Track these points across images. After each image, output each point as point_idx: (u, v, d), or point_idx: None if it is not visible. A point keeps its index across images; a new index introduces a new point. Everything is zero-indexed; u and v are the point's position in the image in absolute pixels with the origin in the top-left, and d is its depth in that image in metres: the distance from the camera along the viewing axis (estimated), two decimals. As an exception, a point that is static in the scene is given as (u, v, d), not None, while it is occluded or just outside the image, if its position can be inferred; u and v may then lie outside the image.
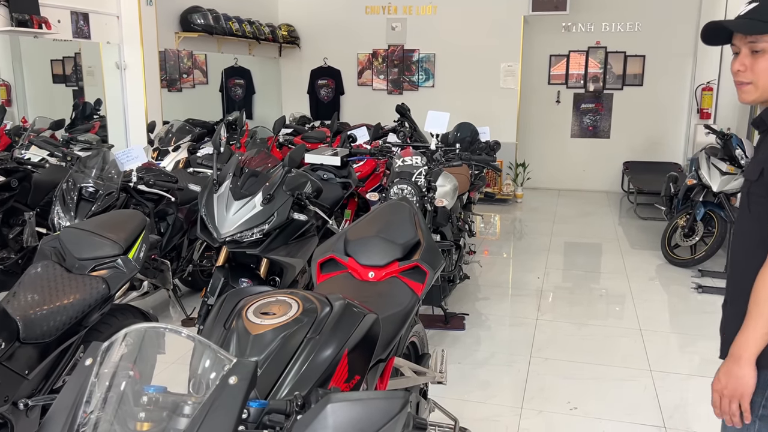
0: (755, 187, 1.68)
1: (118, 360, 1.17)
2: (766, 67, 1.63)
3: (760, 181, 1.66)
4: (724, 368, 1.64)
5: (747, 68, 1.65)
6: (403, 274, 2.17)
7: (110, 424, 1.12)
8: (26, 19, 4.83)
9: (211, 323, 1.57)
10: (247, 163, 3.65)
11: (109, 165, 3.93)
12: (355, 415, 1.00)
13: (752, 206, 1.69)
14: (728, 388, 1.61)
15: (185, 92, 7.91)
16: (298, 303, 1.57)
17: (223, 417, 1.04)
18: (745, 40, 1.63)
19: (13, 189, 4.19)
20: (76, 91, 7.13)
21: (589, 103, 9.23)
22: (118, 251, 2.62)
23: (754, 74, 1.64)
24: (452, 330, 4.32)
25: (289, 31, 9.09)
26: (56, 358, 2.36)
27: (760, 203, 1.67)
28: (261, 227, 3.40)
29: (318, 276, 2.23)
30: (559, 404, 3.37)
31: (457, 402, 3.31)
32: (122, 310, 2.80)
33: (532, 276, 5.53)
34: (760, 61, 1.63)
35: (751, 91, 1.67)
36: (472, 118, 6.54)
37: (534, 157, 9.27)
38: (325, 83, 9.33)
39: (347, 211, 4.99)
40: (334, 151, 4.89)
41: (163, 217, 4.24)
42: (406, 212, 2.41)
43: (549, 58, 9.23)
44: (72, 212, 3.67)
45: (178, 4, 6.99)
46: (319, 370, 1.43)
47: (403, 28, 9.01)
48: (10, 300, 2.33)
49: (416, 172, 3.89)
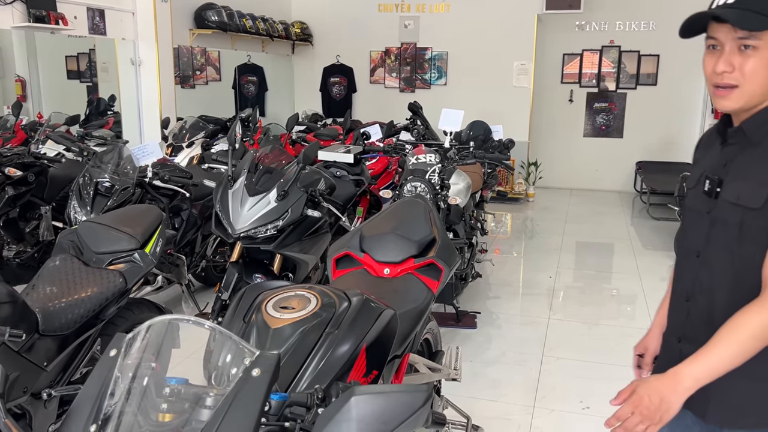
0: (753, 217, 1.37)
1: (142, 352, 1.19)
2: (756, 69, 1.35)
3: (764, 210, 1.35)
4: (655, 385, 1.35)
5: (735, 68, 1.37)
6: (419, 271, 2.18)
7: (134, 415, 1.13)
8: (43, 15, 4.87)
9: (230, 317, 1.59)
10: (262, 159, 3.67)
11: (124, 160, 3.96)
12: (378, 408, 1.01)
13: (744, 242, 1.40)
14: (649, 410, 1.34)
15: (198, 89, 7.95)
16: (317, 298, 1.58)
17: (246, 409, 1.05)
18: (734, 35, 1.36)
19: (30, 183, 4.23)
20: (90, 87, 7.19)
21: (602, 103, 9.19)
22: (135, 245, 2.65)
23: (743, 76, 1.37)
24: (464, 328, 4.32)
25: (302, 29, 9.11)
26: (74, 350, 2.39)
27: (755, 240, 1.38)
28: (275, 223, 3.42)
29: (333, 272, 2.24)
30: (572, 403, 3.37)
31: (469, 400, 3.31)
32: (138, 304, 2.82)
33: (543, 275, 5.52)
34: (750, 61, 1.35)
35: (736, 98, 1.39)
36: (484, 117, 6.53)
37: (546, 156, 9.23)
38: (337, 81, 9.34)
39: (359, 209, 5.01)
40: (347, 149, 4.90)
41: (178, 213, 4.27)
42: (422, 209, 2.42)
43: (562, 57, 9.19)
44: (88, 207, 3.70)
45: (193, 1, 7.02)
46: (338, 364, 1.44)
47: (416, 26, 9.01)
48: (29, 292, 2.36)
49: (430, 170, 3.90)
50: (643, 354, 1.85)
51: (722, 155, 1.48)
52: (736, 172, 1.42)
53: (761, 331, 1.32)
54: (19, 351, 2.10)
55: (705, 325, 1.49)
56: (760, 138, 1.41)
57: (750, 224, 1.38)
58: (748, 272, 1.41)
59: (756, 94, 1.39)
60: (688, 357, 1.37)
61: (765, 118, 1.41)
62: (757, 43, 1.34)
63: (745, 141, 1.43)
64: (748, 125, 1.43)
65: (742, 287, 1.42)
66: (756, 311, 1.34)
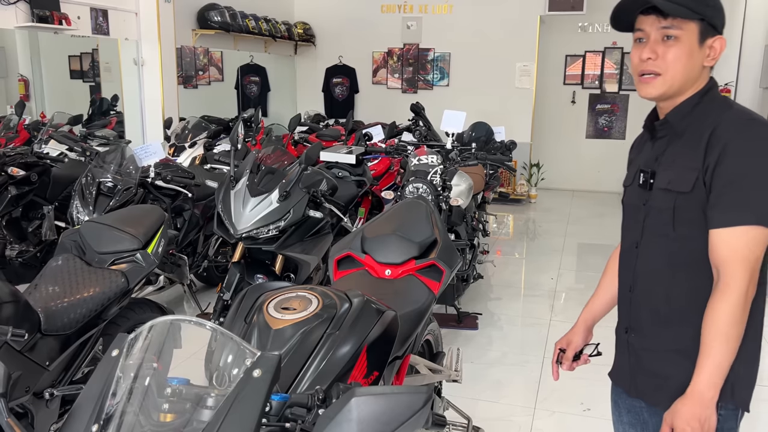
0: (685, 201, 1.46)
1: (144, 352, 1.19)
2: (677, 57, 1.45)
3: (695, 193, 1.45)
4: (686, 412, 1.42)
5: (658, 56, 1.46)
6: (420, 273, 2.18)
7: (135, 415, 1.14)
8: (47, 15, 4.88)
9: (231, 317, 1.59)
10: (264, 160, 3.67)
11: (127, 160, 3.97)
12: (379, 409, 1.01)
13: (678, 225, 1.48)
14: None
15: (201, 89, 7.95)
16: (318, 299, 1.58)
17: (247, 409, 1.06)
18: (658, 24, 1.45)
19: (33, 183, 4.24)
20: (93, 86, 7.19)
21: (604, 104, 9.19)
22: (137, 246, 2.65)
23: (665, 64, 1.46)
24: (465, 329, 4.32)
25: (305, 29, 9.12)
26: (76, 350, 2.40)
27: (689, 221, 1.46)
28: (277, 224, 3.42)
29: (335, 273, 2.24)
30: (573, 405, 3.37)
31: (469, 401, 3.31)
32: (140, 304, 2.83)
33: (545, 277, 5.51)
34: (672, 50, 1.45)
35: (659, 85, 1.49)
36: (486, 118, 6.53)
37: (548, 158, 9.23)
38: (339, 81, 9.34)
39: (361, 209, 5.01)
40: (349, 150, 4.90)
41: (180, 213, 4.28)
42: (423, 210, 2.42)
43: (565, 58, 9.19)
44: (90, 206, 3.71)
45: (196, 1, 7.03)
46: (339, 365, 1.44)
47: (419, 27, 9.01)
48: (32, 292, 2.37)
49: (432, 171, 3.90)
50: (566, 349, 1.93)
51: (653, 150, 1.58)
52: (667, 163, 1.51)
53: (733, 316, 1.39)
54: (22, 350, 2.11)
55: (647, 311, 1.58)
56: (684, 128, 1.50)
57: (682, 207, 1.46)
58: (682, 253, 1.49)
59: (676, 81, 1.47)
60: (694, 372, 1.42)
61: (687, 109, 1.50)
62: (679, 33, 1.44)
63: (672, 132, 1.53)
64: (672, 116, 1.52)
65: (677, 270, 1.51)
66: (719, 299, 1.40)
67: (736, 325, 1.39)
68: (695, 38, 1.45)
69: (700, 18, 1.43)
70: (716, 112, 1.47)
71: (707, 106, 1.49)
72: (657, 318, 1.56)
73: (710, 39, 1.46)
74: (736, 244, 1.39)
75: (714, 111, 1.47)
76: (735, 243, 1.39)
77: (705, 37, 1.46)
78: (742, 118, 1.44)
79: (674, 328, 1.53)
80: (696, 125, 1.48)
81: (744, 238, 1.38)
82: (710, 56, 1.48)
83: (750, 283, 1.40)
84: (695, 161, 1.44)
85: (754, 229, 1.38)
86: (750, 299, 1.41)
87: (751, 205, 1.39)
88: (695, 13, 1.43)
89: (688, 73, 1.47)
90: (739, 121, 1.44)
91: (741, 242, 1.39)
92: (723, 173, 1.40)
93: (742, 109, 1.48)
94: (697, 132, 1.47)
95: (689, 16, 1.43)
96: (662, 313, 1.55)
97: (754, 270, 1.40)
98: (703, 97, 1.50)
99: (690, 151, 1.46)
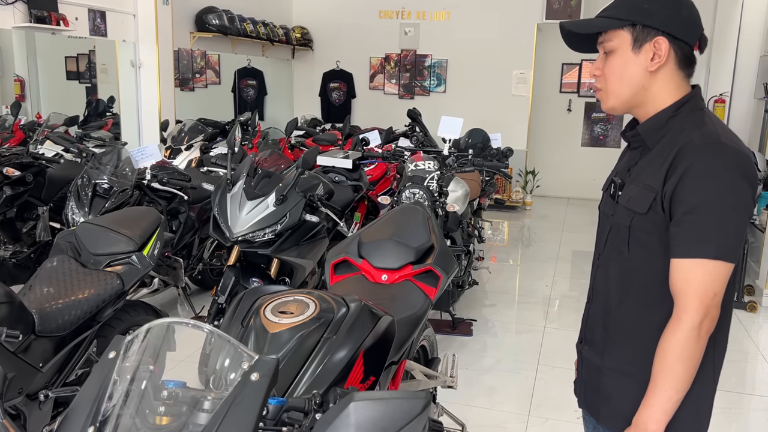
0: (640, 222, 1.40)
1: (141, 354, 1.19)
2: (611, 70, 1.41)
3: (650, 216, 1.37)
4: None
5: (601, 72, 1.45)
6: (417, 278, 2.19)
7: (131, 417, 1.13)
8: (45, 15, 4.88)
9: (228, 320, 1.59)
10: (261, 163, 3.67)
11: (123, 162, 3.96)
12: (377, 414, 1.01)
13: (633, 245, 1.42)
14: None
15: (198, 92, 7.95)
16: (315, 303, 1.58)
17: (244, 413, 1.05)
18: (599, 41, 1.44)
19: (28, 184, 4.22)
20: (89, 88, 7.18)
21: (600, 113, 9.22)
22: (133, 248, 2.65)
23: (605, 78, 1.43)
24: (460, 335, 4.32)
25: (303, 34, 9.13)
26: (70, 352, 2.39)
27: (643, 243, 1.41)
28: (273, 228, 3.42)
29: (331, 277, 2.24)
30: (566, 412, 3.37)
31: (463, 407, 3.31)
32: (135, 307, 2.82)
33: (540, 284, 5.52)
34: (608, 63, 1.42)
35: (604, 99, 1.45)
36: (482, 125, 6.55)
37: (544, 165, 9.26)
38: (336, 86, 9.35)
39: (357, 214, 5.01)
40: (345, 154, 4.90)
41: (176, 216, 4.27)
42: (420, 216, 2.42)
43: (561, 67, 9.23)
44: (86, 208, 3.69)
45: (194, 4, 7.04)
46: (336, 369, 1.44)
47: (416, 33, 9.03)
48: (26, 293, 2.36)
49: (428, 177, 3.91)
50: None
51: (628, 159, 1.52)
52: (634, 176, 1.45)
53: (682, 351, 1.33)
54: (15, 351, 2.10)
55: (600, 326, 1.54)
56: (654, 142, 1.43)
57: (637, 228, 1.41)
58: (635, 274, 1.44)
59: (619, 93, 1.42)
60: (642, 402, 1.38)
61: (660, 122, 1.42)
62: (613, 45, 1.40)
63: (644, 144, 1.46)
64: (643, 128, 1.45)
65: (629, 289, 1.46)
66: (670, 332, 1.35)
67: (684, 361, 1.32)
68: (628, 46, 1.39)
69: (631, 24, 1.38)
70: (688, 129, 1.37)
71: (683, 120, 1.40)
72: (605, 334, 1.52)
73: (648, 42, 1.38)
74: (692, 276, 1.32)
75: (686, 127, 1.38)
76: (690, 275, 1.32)
77: (642, 41, 1.38)
78: (708, 141, 1.34)
79: (619, 349, 1.49)
80: (667, 141, 1.39)
81: (701, 271, 1.31)
82: (654, 60, 1.38)
83: (705, 318, 1.32)
84: (656, 181, 1.37)
85: (712, 263, 1.31)
86: (704, 337, 1.33)
87: (711, 237, 1.31)
88: (621, 21, 1.38)
89: (628, 83, 1.41)
90: (704, 144, 1.33)
91: (697, 275, 1.32)
92: (683, 200, 1.32)
93: (712, 130, 1.36)
94: (666, 148, 1.38)
95: (613, 25, 1.39)
96: (610, 331, 1.50)
97: (709, 306, 1.32)
98: (680, 109, 1.41)
99: (654, 170, 1.39)
